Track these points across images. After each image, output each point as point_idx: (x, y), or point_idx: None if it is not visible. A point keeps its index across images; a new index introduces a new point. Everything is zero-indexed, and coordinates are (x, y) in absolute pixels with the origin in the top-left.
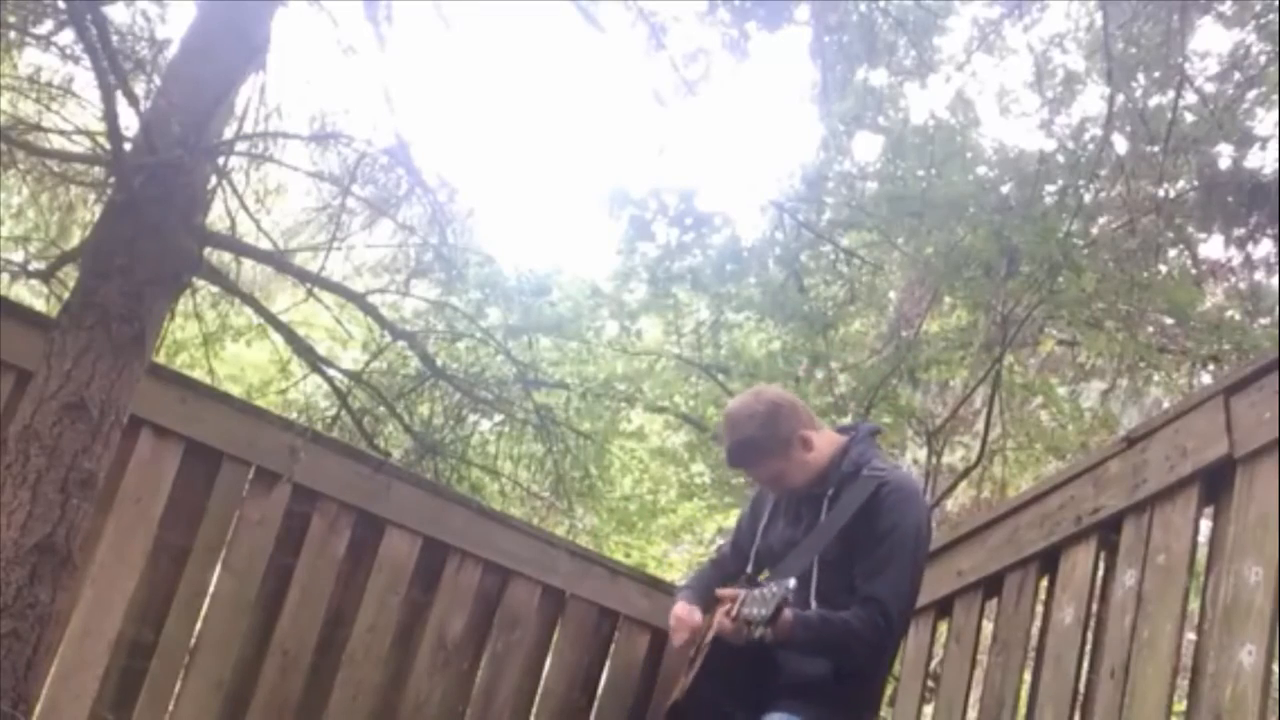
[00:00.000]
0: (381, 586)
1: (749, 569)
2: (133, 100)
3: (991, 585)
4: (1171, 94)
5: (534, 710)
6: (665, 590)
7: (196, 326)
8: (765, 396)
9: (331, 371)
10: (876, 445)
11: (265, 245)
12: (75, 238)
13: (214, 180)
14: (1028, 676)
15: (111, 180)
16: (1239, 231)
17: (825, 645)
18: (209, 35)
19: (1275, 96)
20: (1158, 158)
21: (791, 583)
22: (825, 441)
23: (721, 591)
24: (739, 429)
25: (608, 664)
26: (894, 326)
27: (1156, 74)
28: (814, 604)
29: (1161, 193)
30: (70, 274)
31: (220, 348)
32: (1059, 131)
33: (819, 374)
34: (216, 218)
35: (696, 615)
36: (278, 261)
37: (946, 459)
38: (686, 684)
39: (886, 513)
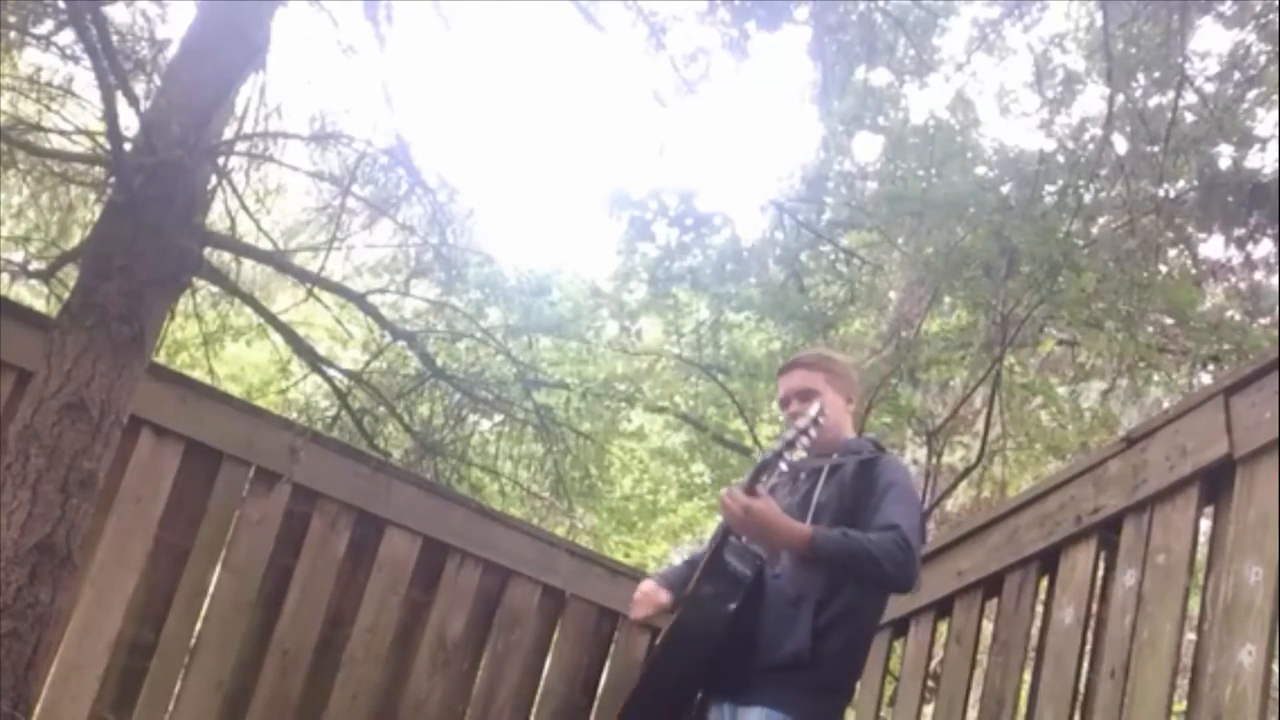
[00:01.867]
0: (381, 586)
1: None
2: (133, 100)
3: (991, 585)
4: (1171, 94)
5: (534, 710)
6: None
7: (196, 326)
8: (849, 359)
9: (331, 371)
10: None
11: (265, 245)
12: (75, 238)
13: (214, 180)
14: (1028, 676)
15: (111, 180)
16: (1239, 231)
17: (850, 556)
18: (209, 35)
19: (1275, 96)
20: (1158, 158)
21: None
22: (850, 423)
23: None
24: (823, 349)
25: (608, 664)
26: (894, 326)
27: (1156, 74)
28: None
29: (1161, 193)
30: (70, 274)
31: (220, 348)
32: (1059, 131)
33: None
34: (216, 218)
35: (664, 594)
36: (278, 261)
37: (946, 459)
38: (654, 655)
39: (886, 473)
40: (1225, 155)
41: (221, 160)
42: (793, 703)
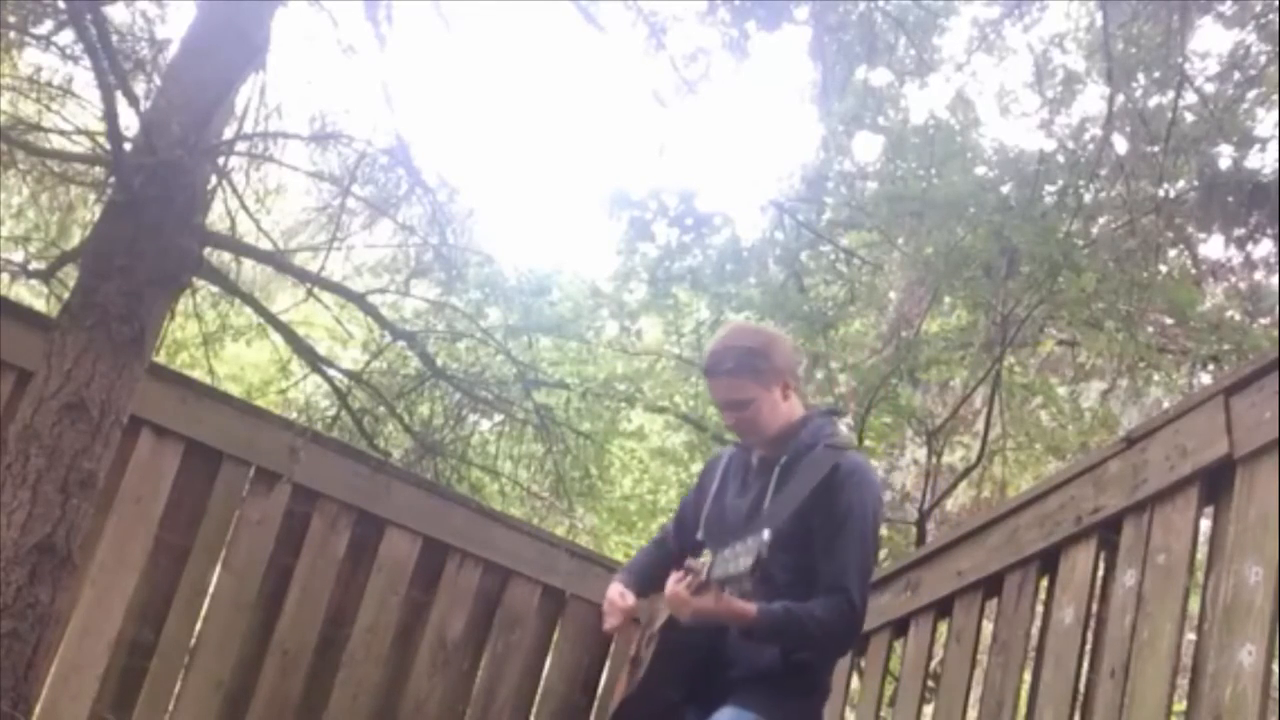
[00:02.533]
0: (381, 586)
1: (699, 535)
2: (133, 100)
3: (991, 585)
4: (1171, 94)
5: (534, 710)
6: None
7: (196, 326)
8: (771, 328)
9: (331, 371)
10: (835, 424)
11: (265, 245)
12: (75, 238)
13: (214, 180)
14: (1028, 676)
15: (111, 180)
16: (1239, 231)
17: (792, 637)
18: (209, 35)
19: (1275, 96)
20: (1158, 158)
21: (766, 534)
22: (796, 405)
23: (690, 563)
24: (739, 336)
25: (608, 664)
26: (894, 326)
27: (1156, 74)
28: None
29: (1161, 193)
30: (70, 274)
31: (220, 348)
32: (1059, 131)
33: (819, 374)
34: (216, 218)
35: (630, 599)
36: (278, 261)
37: (946, 459)
38: (637, 680)
39: (844, 494)
40: (1225, 155)
41: (221, 160)
42: (764, 705)
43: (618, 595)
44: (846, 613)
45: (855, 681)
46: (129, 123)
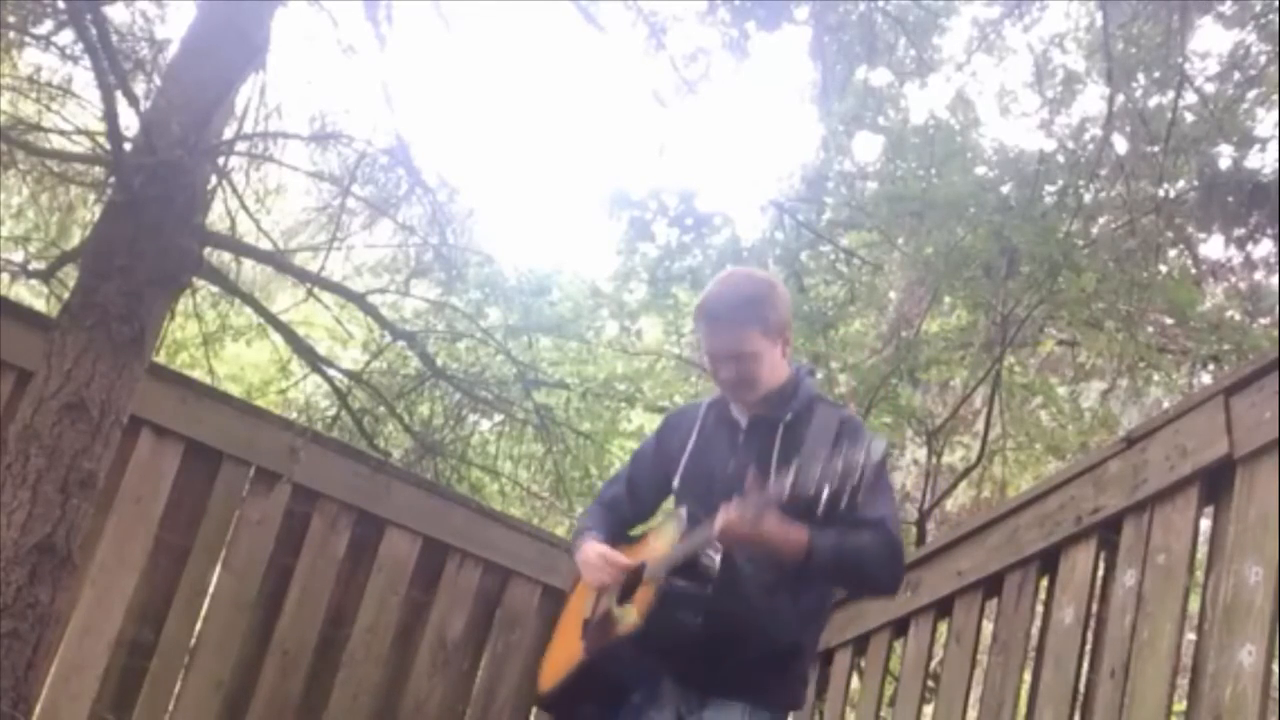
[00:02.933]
0: (381, 586)
1: (675, 484)
2: (133, 100)
3: (991, 585)
4: (1171, 94)
5: (534, 710)
6: None
7: (196, 326)
8: (772, 275)
9: (331, 371)
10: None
11: (265, 245)
12: (75, 238)
13: (214, 180)
14: (1028, 676)
15: (111, 180)
16: (1239, 231)
17: (849, 566)
18: (209, 35)
19: (1275, 96)
20: (1158, 158)
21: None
22: (785, 362)
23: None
24: (745, 284)
25: None
26: (894, 326)
27: (1156, 74)
28: None
29: (1161, 193)
30: (70, 274)
31: (220, 348)
32: (1059, 131)
33: (819, 374)
34: (216, 218)
35: (618, 556)
36: (278, 261)
37: (946, 459)
38: (612, 646)
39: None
40: (1225, 155)
41: (221, 160)
42: (774, 695)
43: (598, 554)
44: (892, 543)
45: (855, 681)
46: (129, 123)
